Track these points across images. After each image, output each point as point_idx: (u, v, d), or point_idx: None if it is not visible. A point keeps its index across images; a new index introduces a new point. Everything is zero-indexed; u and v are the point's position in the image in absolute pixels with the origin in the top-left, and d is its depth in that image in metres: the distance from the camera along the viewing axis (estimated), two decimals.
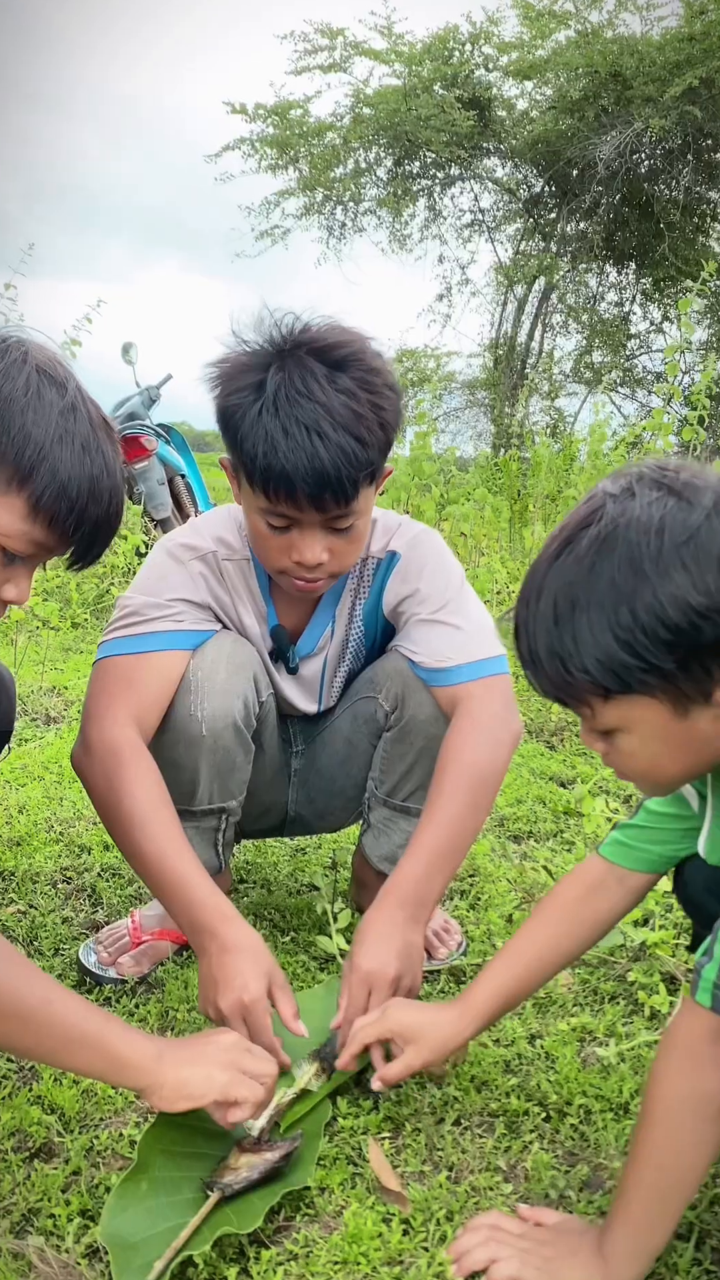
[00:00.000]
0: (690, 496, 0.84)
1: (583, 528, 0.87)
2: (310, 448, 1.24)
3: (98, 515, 1.10)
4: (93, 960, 1.56)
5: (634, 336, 13.76)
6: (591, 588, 0.85)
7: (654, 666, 0.84)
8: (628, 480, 0.88)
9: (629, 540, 0.84)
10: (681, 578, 0.82)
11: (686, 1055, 0.92)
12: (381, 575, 1.54)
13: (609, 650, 0.84)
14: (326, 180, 12.58)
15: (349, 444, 1.25)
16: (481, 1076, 1.32)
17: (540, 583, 0.89)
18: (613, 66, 10.77)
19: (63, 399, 1.07)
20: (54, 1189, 1.10)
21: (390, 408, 1.31)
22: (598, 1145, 1.20)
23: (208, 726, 1.44)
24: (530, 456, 5.89)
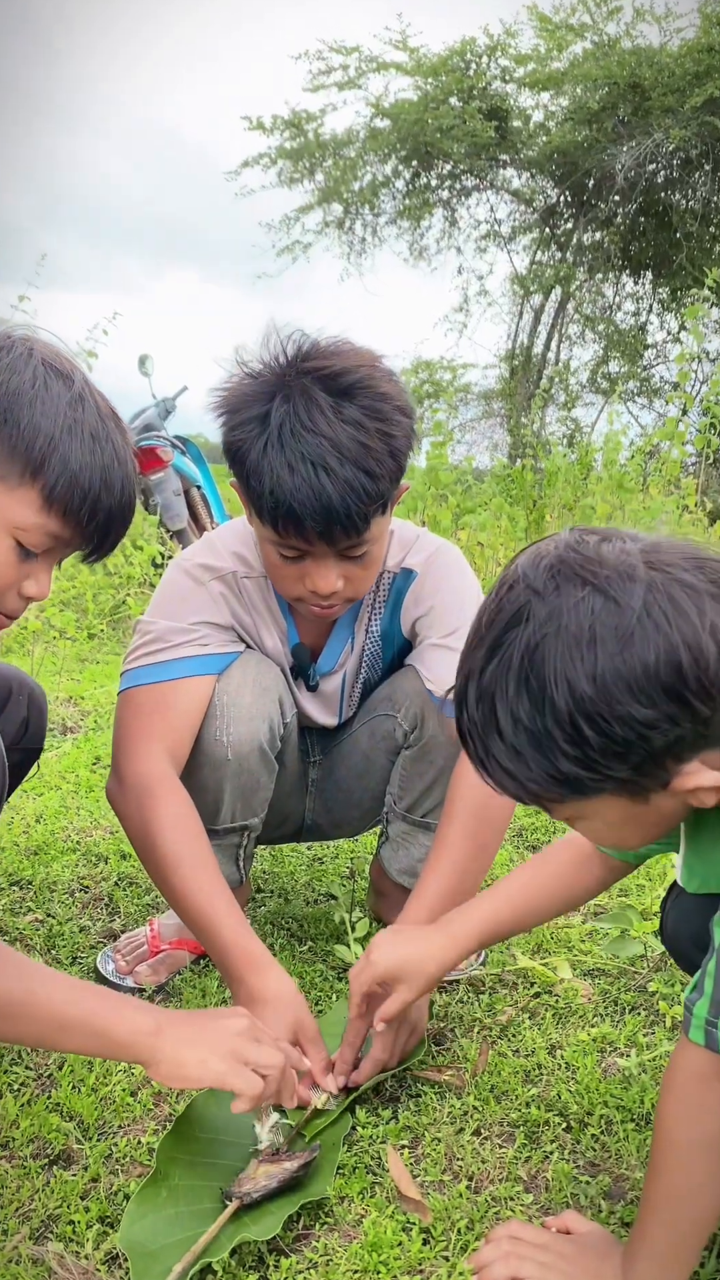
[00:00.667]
0: (619, 594, 0.79)
1: (510, 628, 0.82)
2: (317, 483, 1.21)
3: (111, 504, 1.11)
4: (110, 969, 1.56)
5: (651, 346, 13.73)
6: (534, 707, 0.80)
7: (608, 776, 0.82)
8: (550, 570, 0.82)
9: (560, 654, 0.79)
10: (623, 695, 0.78)
11: (688, 1099, 0.91)
12: (397, 591, 1.52)
13: (561, 768, 0.81)
14: (345, 193, 12.64)
15: (357, 478, 1.22)
16: (501, 1086, 1.31)
17: (477, 690, 0.84)
18: (631, 77, 10.78)
19: (70, 390, 1.08)
20: (73, 1195, 1.10)
21: (401, 433, 1.27)
22: (619, 1156, 1.19)
23: (233, 751, 1.43)
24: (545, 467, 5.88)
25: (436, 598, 1.47)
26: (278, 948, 1.69)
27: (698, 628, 0.78)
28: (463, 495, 5.54)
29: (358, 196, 12.79)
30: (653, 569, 0.80)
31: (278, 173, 12.49)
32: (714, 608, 0.79)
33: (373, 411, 1.23)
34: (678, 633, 0.78)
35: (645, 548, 0.82)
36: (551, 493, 5.53)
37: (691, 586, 0.79)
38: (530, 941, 1.71)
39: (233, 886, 1.58)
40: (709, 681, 0.78)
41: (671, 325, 13.63)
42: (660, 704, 0.78)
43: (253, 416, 1.24)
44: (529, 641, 0.80)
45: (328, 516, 1.22)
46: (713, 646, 0.78)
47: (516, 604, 0.82)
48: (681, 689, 0.78)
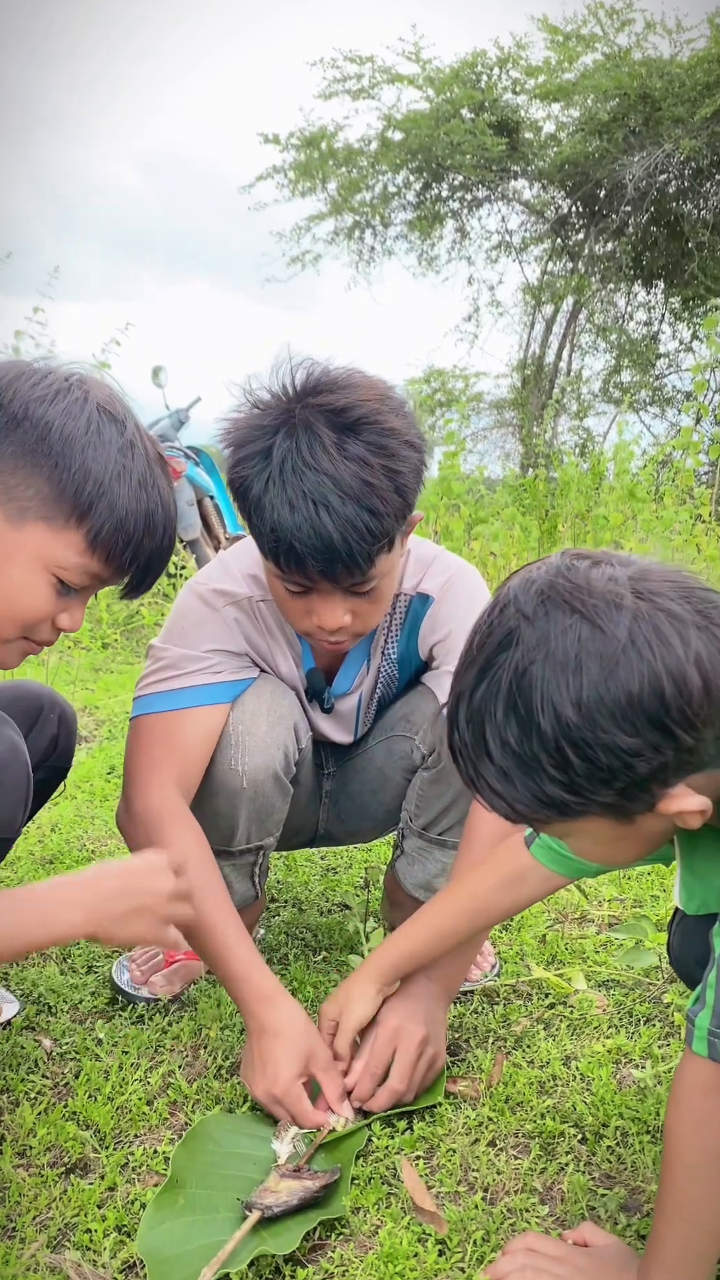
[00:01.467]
0: (605, 623, 0.80)
1: (500, 650, 0.83)
2: (317, 521, 1.18)
3: (152, 549, 1.14)
4: (125, 979, 1.57)
5: (663, 356, 13.72)
6: (521, 732, 0.81)
7: (593, 801, 0.83)
8: (541, 596, 0.83)
9: (546, 680, 0.80)
10: (607, 723, 0.79)
11: (695, 1112, 0.91)
12: (414, 615, 1.50)
13: (547, 791, 0.83)
14: (356, 203, 12.69)
15: (359, 516, 1.18)
16: (516, 1098, 1.31)
17: (467, 711, 0.85)
18: (641, 88, 10.81)
19: (122, 436, 1.10)
20: (90, 1204, 1.11)
21: (408, 469, 1.23)
22: (634, 1168, 1.19)
23: (248, 780, 1.43)
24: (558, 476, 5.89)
25: (453, 623, 1.46)
26: (292, 957, 1.70)
27: (681, 658, 0.79)
28: (475, 505, 5.55)
29: (368, 207, 12.84)
30: (640, 598, 0.81)
31: (292, 189, 12.56)
32: (699, 637, 0.80)
33: (378, 448, 1.20)
34: (661, 662, 0.79)
35: (634, 575, 0.83)
36: (564, 502, 5.53)
37: (677, 616, 0.80)
38: (545, 952, 1.71)
39: (248, 903, 1.59)
40: (692, 711, 0.79)
41: (684, 335, 13.62)
42: (644, 732, 0.79)
43: (256, 451, 1.22)
44: (517, 666, 0.81)
45: (329, 555, 1.20)
46: (696, 676, 0.79)
47: (507, 627, 0.83)
48: (664, 718, 0.79)
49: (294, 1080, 1.23)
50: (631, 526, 5.16)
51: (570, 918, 1.86)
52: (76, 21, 29.49)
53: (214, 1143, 1.17)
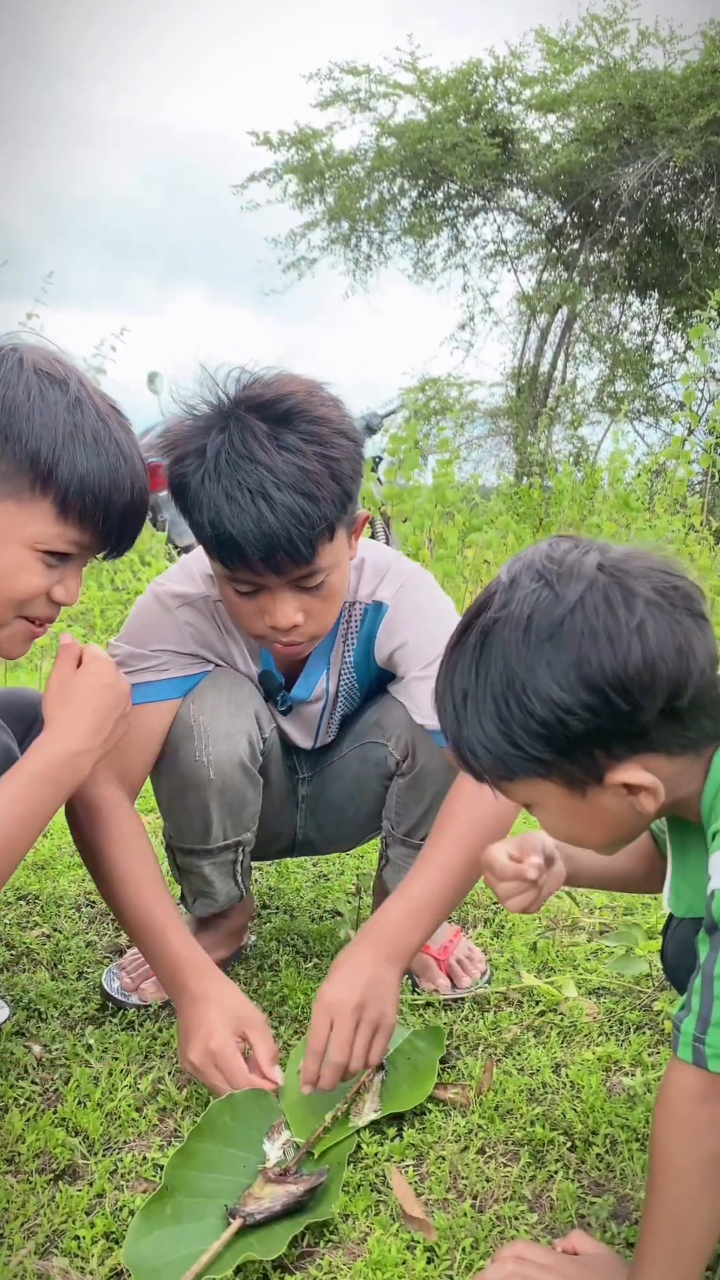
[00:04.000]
0: (561, 587, 0.86)
1: (478, 613, 0.90)
2: (255, 511, 1.19)
3: (123, 502, 1.13)
4: (115, 986, 1.56)
5: (657, 365, 13.78)
6: (477, 681, 0.88)
7: (534, 757, 0.87)
8: (519, 567, 0.90)
9: (502, 637, 0.87)
10: (544, 673, 0.84)
11: (681, 1119, 0.91)
12: (369, 624, 1.50)
13: (493, 740, 0.88)
14: (352, 211, 12.73)
15: (297, 503, 1.20)
16: (506, 1105, 1.31)
17: (445, 664, 0.93)
18: (636, 99, 10.87)
19: (66, 395, 1.08)
20: (78, 1211, 1.11)
21: (344, 456, 1.24)
22: (624, 1175, 1.19)
23: (215, 770, 1.44)
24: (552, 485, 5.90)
25: (409, 630, 1.46)
26: (283, 964, 1.70)
27: (622, 624, 0.84)
28: (469, 513, 5.56)
29: (364, 214, 12.88)
30: (603, 571, 0.87)
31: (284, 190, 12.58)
32: (650, 612, 0.85)
33: (311, 436, 1.22)
34: (603, 625, 0.84)
35: (611, 556, 0.89)
36: (558, 511, 5.55)
37: (629, 590, 0.86)
38: (535, 960, 1.71)
39: (233, 902, 1.59)
40: (628, 678, 0.84)
41: (678, 345, 13.68)
42: (577, 691, 0.84)
43: (192, 450, 1.23)
44: (484, 625, 0.89)
45: (270, 544, 1.21)
46: (636, 646, 0.84)
47: (487, 594, 0.91)
48: (598, 680, 0.84)
49: (229, 1039, 1.24)
50: (625, 536, 5.17)
51: (561, 925, 1.86)
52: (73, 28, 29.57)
53: (210, 1145, 1.16)
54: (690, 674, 0.86)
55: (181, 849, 1.54)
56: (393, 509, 4.56)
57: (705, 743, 0.91)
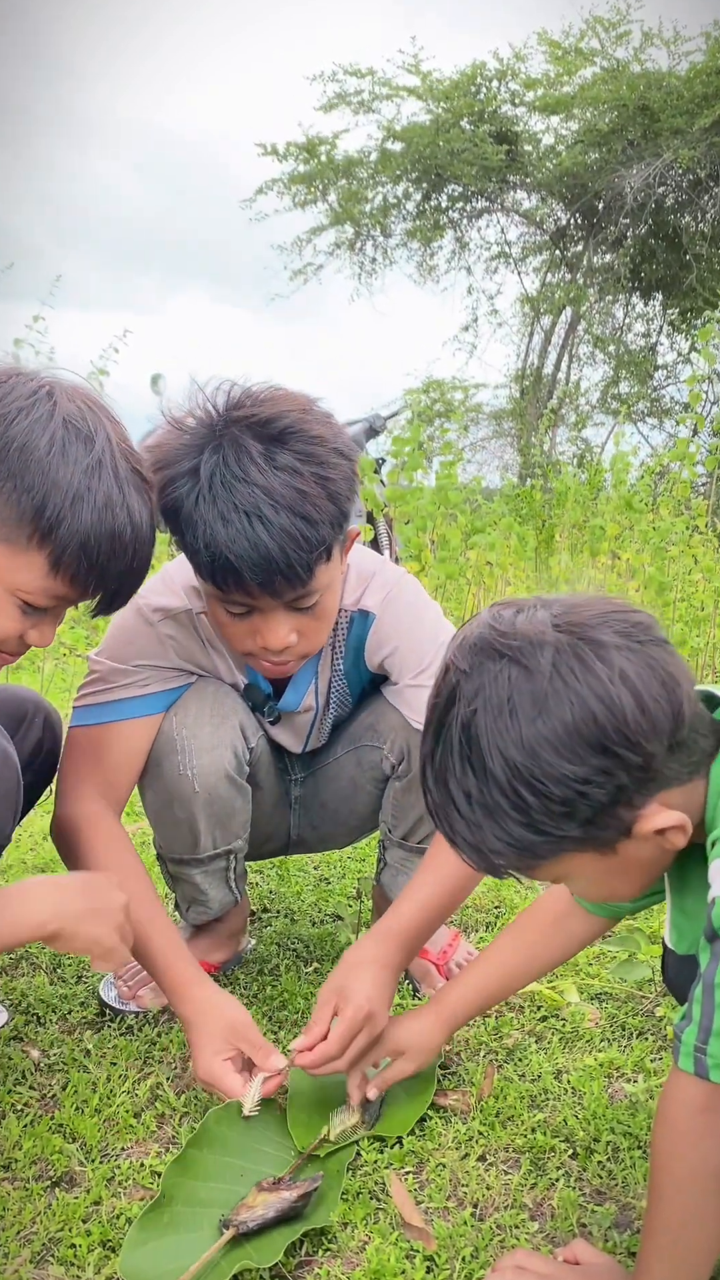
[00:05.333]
0: (529, 661, 0.83)
1: (447, 709, 0.87)
2: (252, 534, 1.15)
3: (120, 570, 1.10)
4: (113, 995, 1.55)
5: (661, 367, 13.77)
6: (477, 779, 0.84)
7: (562, 837, 0.85)
8: (473, 649, 0.86)
9: (489, 728, 0.83)
10: (547, 752, 0.81)
11: (682, 1131, 0.90)
12: (357, 633, 1.49)
13: (517, 835, 0.85)
14: (356, 214, 12.74)
15: (294, 524, 1.16)
16: (506, 1111, 1.30)
17: (432, 773, 0.89)
18: (640, 100, 10.87)
19: (89, 454, 1.05)
20: (75, 1219, 1.10)
21: (339, 476, 1.21)
22: (625, 1184, 1.18)
23: (200, 783, 1.43)
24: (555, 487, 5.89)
25: (398, 638, 1.45)
26: (283, 968, 1.69)
27: (604, 680, 0.82)
28: (472, 515, 5.55)
29: (369, 218, 12.89)
30: (560, 631, 0.84)
31: (291, 196, 12.60)
32: (623, 657, 0.83)
33: (307, 456, 1.18)
34: (587, 687, 0.81)
35: (557, 612, 0.86)
36: (561, 512, 5.54)
37: (596, 642, 0.83)
38: None
39: (228, 908, 1.58)
40: (629, 730, 0.82)
41: (682, 346, 13.68)
42: (588, 759, 0.81)
43: (184, 471, 1.19)
44: (463, 719, 0.85)
45: (267, 567, 1.17)
46: (626, 694, 0.82)
47: (450, 686, 0.87)
48: (604, 741, 0.81)
49: (213, 1063, 1.25)
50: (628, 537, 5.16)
51: None
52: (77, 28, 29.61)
53: (210, 1154, 1.15)
54: (681, 701, 0.85)
55: (172, 859, 1.53)
56: (395, 510, 4.56)
57: (704, 761, 0.90)
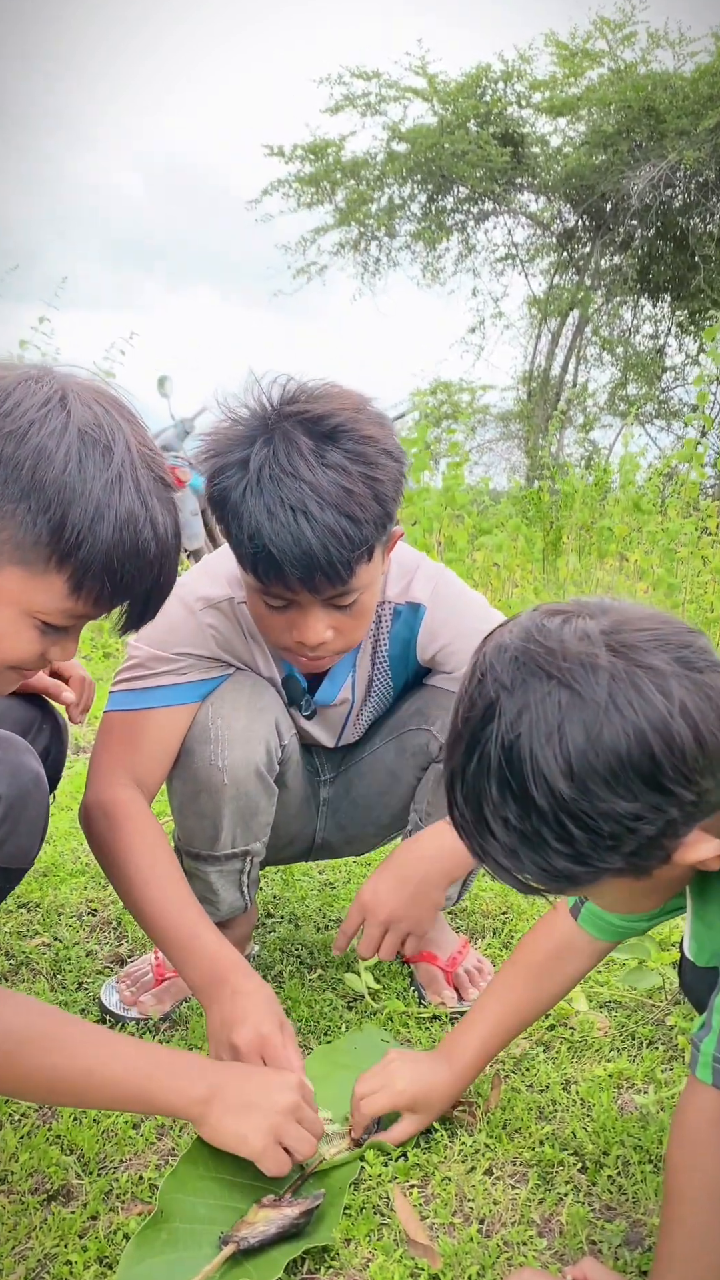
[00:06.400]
0: (583, 688, 0.77)
1: (484, 724, 0.81)
2: (296, 529, 1.15)
3: (144, 587, 1.04)
4: (114, 1000, 1.53)
5: (669, 369, 13.73)
6: (520, 809, 0.79)
7: (605, 868, 0.81)
8: (515, 663, 0.80)
9: (535, 755, 0.77)
10: (600, 788, 0.76)
11: (700, 1143, 0.87)
12: (405, 625, 1.49)
13: (555, 865, 0.81)
14: (362, 215, 12.74)
15: (338, 523, 1.16)
16: (514, 1124, 1.27)
17: (463, 790, 0.84)
18: (646, 101, 10.85)
19: (108, 468, 0.98)
20: (71, 1234, 1.07)
21: (388, 477, 1.21)
22: (636, 1199, 1.15)
23: (229, 775, 1.41)
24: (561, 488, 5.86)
25: (453, 629, 1.46)
26: (286, 975, 1.66)
27: (664, 713, 0.76)
28: (479, 516, 5.52)
29: (375, 219, 12.88)
30: (615, 654, 0.78)
31: (297, 197, 12.61)
32: (681, 687, 0.77)
33: (356, 455, 1.18)
34: (645, 720, 0.76)
35: (607, 628, 0.80)
36: (568, 514, 5.51)
37: (654, 669, 0.78)
38: None
39: (236, 913, 1.56)
40: (687, 766, 0.77)
41: (690, 348, 13.64)
42: (641, 795, 0.77)
43: (234, 461, 1.20)
44: (504, 741, 0.79)
45: (308, 563, 1.17)
46: (684, 729, 0.76)
47: (487, 699, 0.81)
48: (659, 777, 0.76)
49: (276, 1029, 1.21)
50: (636, 539, 5.13)
51: None
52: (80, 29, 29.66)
53: (205, 1168, 1.12)
54: None
55: (189, 853, 1.51)
56: (402, 511, 4.53)
57: None
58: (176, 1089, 1.05)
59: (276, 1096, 1.09)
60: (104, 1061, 1.02)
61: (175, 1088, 1.05)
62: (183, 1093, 1.05)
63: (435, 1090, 1.21)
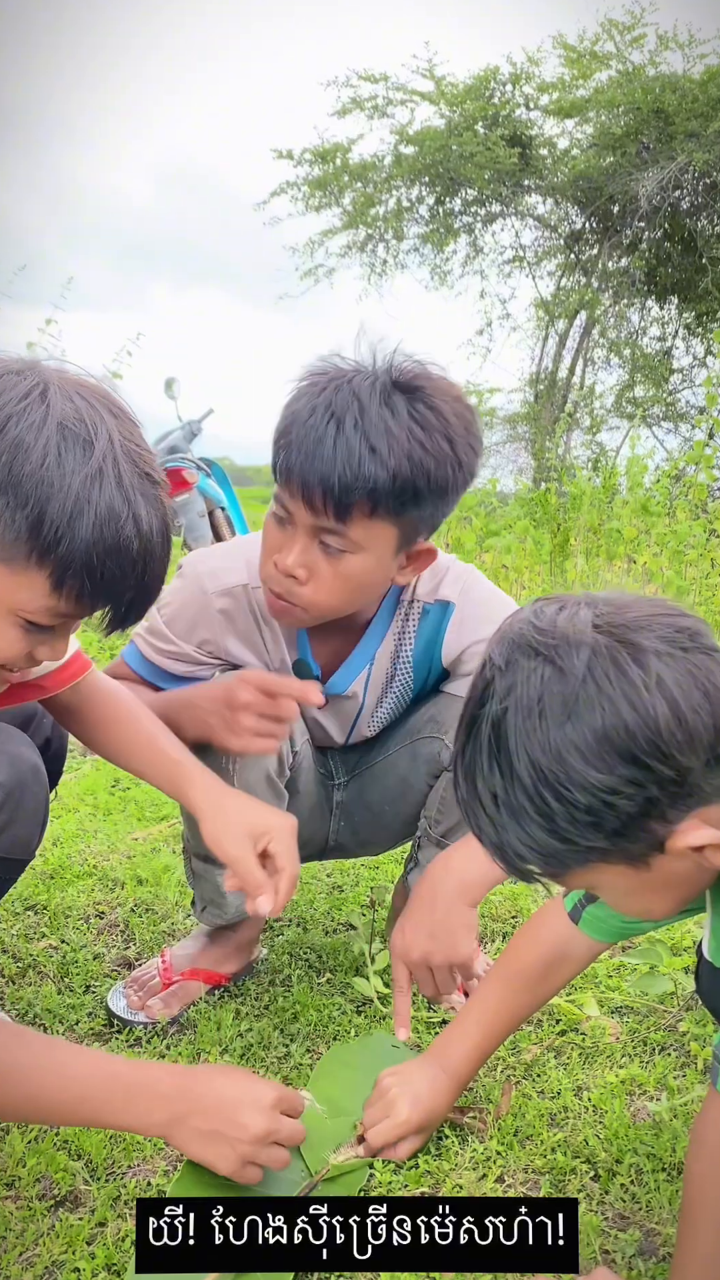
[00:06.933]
0: (564, 662, 0.79)
1: (480, 705, 0.83)
2: (321, 432, 1.20)
3: (131, 585, 1.01)
4: (122, 1005, 1.52)
5: (677, 371, 13.69)
6: (503, 780, 0.81)
7: (587, 847, 0.80)
8: (511, 645, 0.83)
9: (517, 727, 0.79)
10: (574, 758, 0.77)
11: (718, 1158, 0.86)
12: (434, 623, 1.49)
13: (540, 841, 0.81)
14: (369, 218, 12.73)
15: (361, 449, 1.19)
16: (525, 1130, 1.26)
17: (462, 769, 0.86)
18: (655, 103, 10.82)
19: (88, 462, 0.95)
20: (79, 1241, 1.06)
21: (435, 463, 1.22)
22: (650, 1208, 1.14)
23: (239, 780, 1.41)
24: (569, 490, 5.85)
25: (478, 628, 1.46)
26: (295, 979, 1.65)
27: (640, 687, 0.77)
28: (487, 518, 5.51)
29: (382, 222, 12.87)
30: (600, 632, 0.80)
31: (305, 202, 12.60)
32: (662, 664, 0.78)
33: (419, 417, 1.22)
34: (620, 693, 0.77)
35: (601, 611, 0.82)
36: (576, 516, 5.49)
37: (636, 645, 0.78)
38: None
39: (243, 917, 1.55)
40: (662, 740, 0.77)
41: (698, 350, 13.59)
42: (616, 768, 0.77)
43: (315, 383, 1.26)
44: (494, 718, 0.81)
45: (313, 468, 1.20)
46: (661, 704, 0.77)
47: (484, 681, 0.84)
48: (634, 750, 0.77)
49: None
50: (645, 541, 5.11)
51: None
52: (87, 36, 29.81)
53: (212, 1176, 1.11)
54: None
55: (198, 854, 1.51)
56: None
57: None
58: (134, 1115, 1.01)
59: (246, 1121, 1.04)
60: (57, 1088, 1.00)
61: (133, 1114, 1.01)
62: (139, 1119, 1.02)
63: (437, 1111, 1.21)
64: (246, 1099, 1.06)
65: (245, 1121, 1.04)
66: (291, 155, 12.35)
